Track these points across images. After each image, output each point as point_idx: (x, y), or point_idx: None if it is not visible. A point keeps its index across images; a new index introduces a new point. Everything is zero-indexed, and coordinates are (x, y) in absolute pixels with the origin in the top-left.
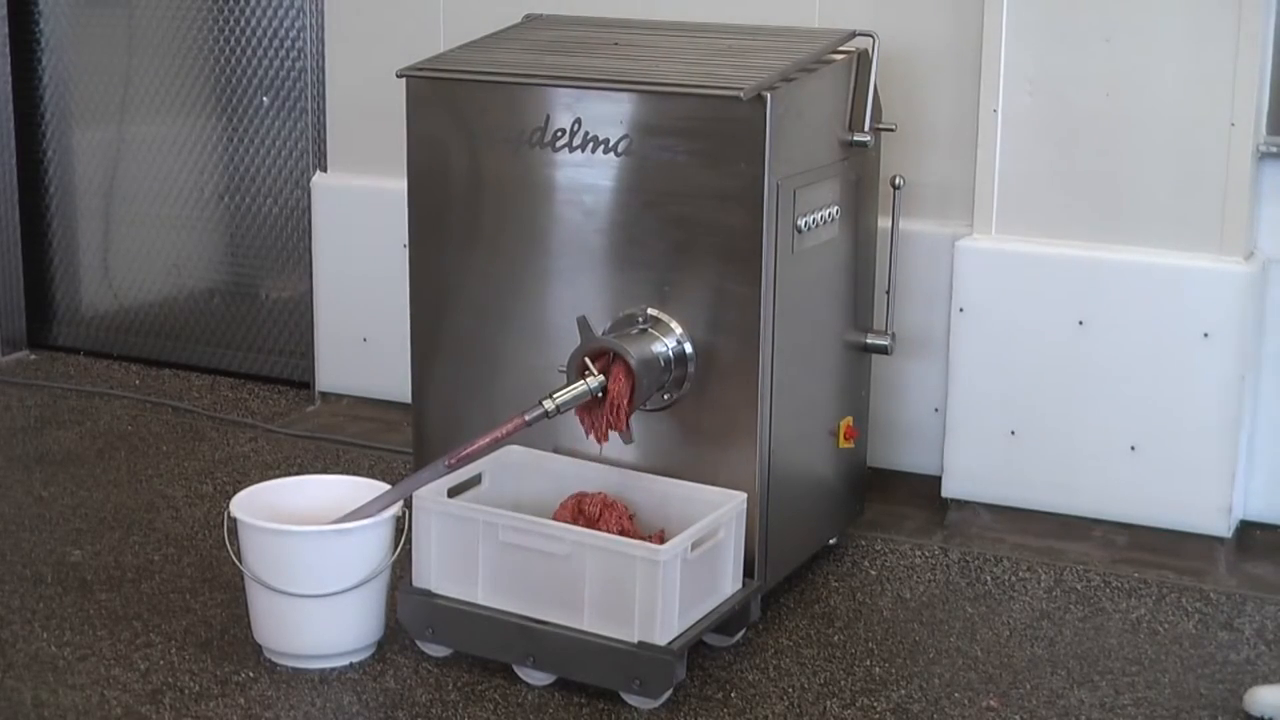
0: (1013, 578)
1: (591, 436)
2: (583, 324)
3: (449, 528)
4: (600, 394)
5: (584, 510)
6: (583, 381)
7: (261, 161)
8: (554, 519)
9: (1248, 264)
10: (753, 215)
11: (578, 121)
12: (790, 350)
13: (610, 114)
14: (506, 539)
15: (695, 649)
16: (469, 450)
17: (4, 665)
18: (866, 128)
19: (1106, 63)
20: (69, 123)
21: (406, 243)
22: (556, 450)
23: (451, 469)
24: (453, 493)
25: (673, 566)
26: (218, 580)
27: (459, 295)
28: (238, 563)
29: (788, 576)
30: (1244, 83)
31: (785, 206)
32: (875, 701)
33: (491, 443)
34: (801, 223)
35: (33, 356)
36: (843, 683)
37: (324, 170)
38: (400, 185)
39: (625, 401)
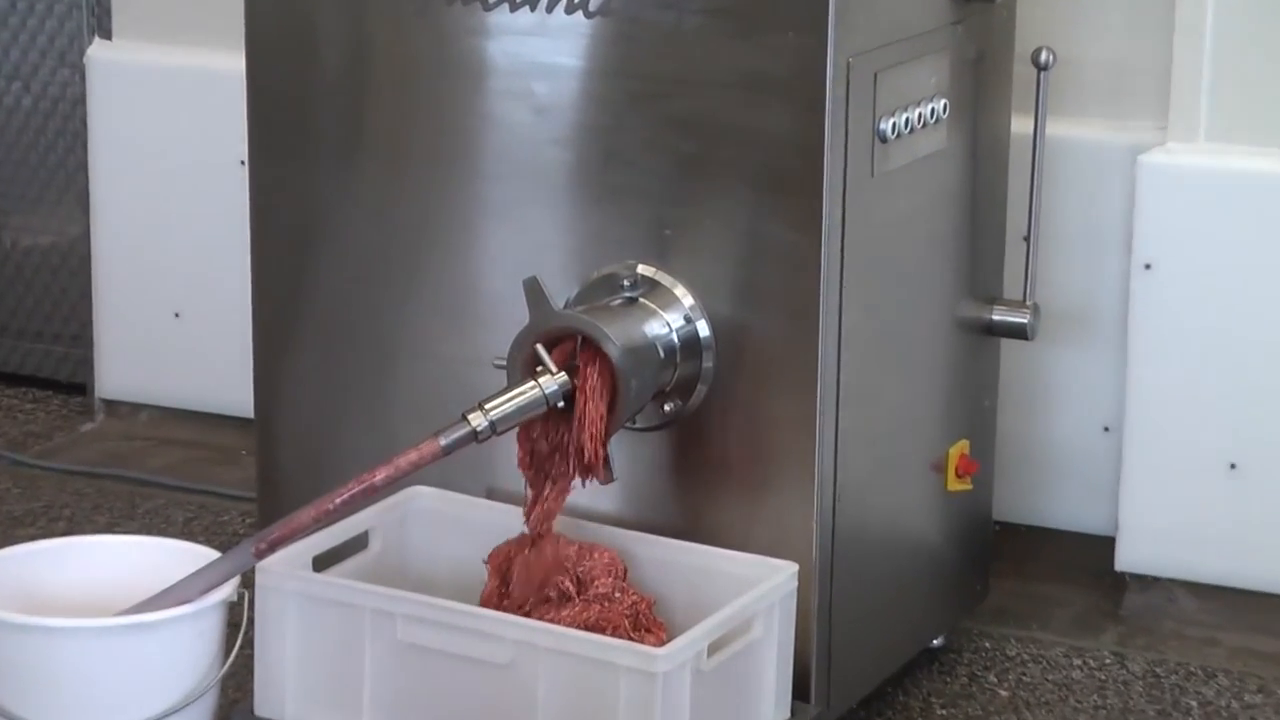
0: (1234, 704)
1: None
2: (534, 290)
3: (316, 619)
4: (561, 403)
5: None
6: (533, 383)
7: (3, 23)
8: (511, 596)
9: None
10: (808, 115)
11: None
12: (869, 333)
13: None
14: (409, 637)
15: None
16: (305, 516)
17: None
18: None
19: None
20: None
21: (244, 159)
22: (490, 494)
23: (264, 554)
24: (321, 562)
25: (678, 681)
26: None
27: (332, 245)
28: None
29: (866, 698)
30: None
31: (861, 101)
32: None
33: (368, 490)
34: (888, 126)
35: None
36: None
37: (106, 37)
38: (234, 64)
39: (601, 416)
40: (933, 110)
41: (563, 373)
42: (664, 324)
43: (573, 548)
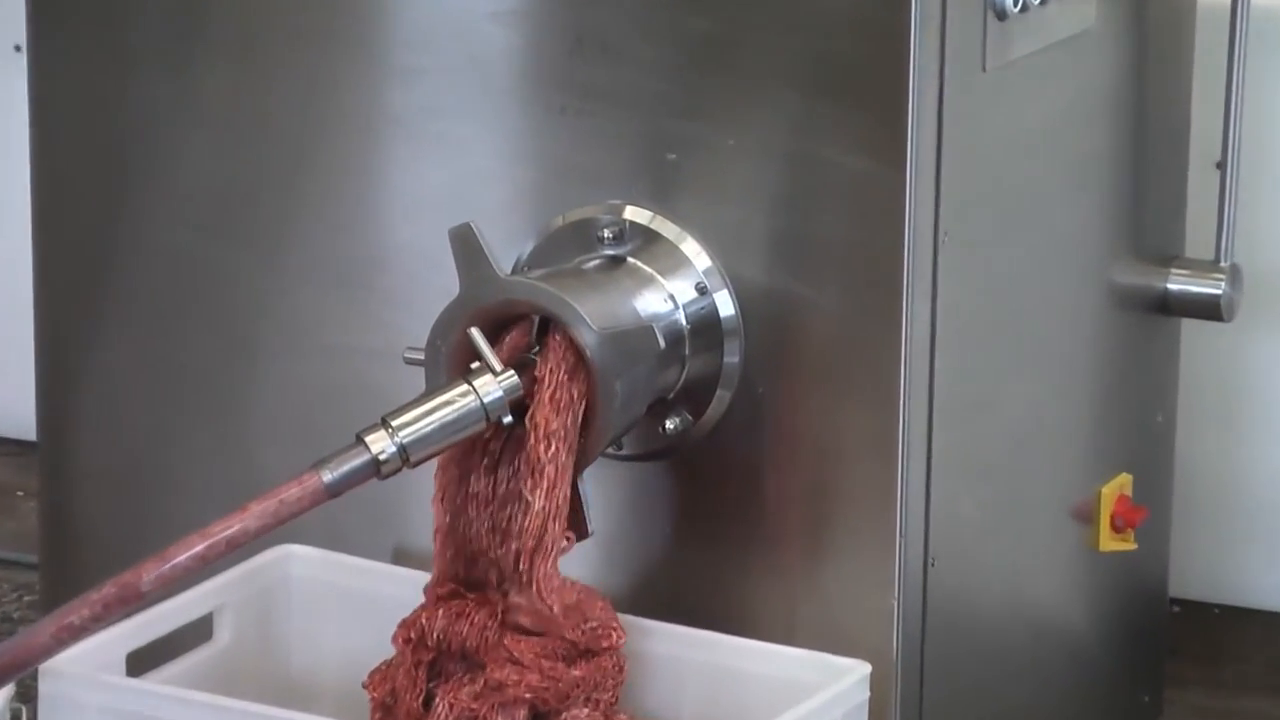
0: None
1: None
2: (467, 245)
3: None
4: (508, 417)
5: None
6: (465, 386)
7: None
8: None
9: None
10: None
11: None
12: (979, 312)
13: None
14: None
15: None
16: (42, 634)
17: None
18: None
19: None
20: None
21: (19, 44)
22: (399, 557)
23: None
24: (140, 661)
25: None
26: None
27: (160, 179)
28: None
29: None
30: None
31: None
32: None
33: (127, 597)
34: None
35: None
36: None
37: None
38: None
39: (561, 435)
40: None
41: (510, 371)
42: (665, 298)
43: (533, 675)
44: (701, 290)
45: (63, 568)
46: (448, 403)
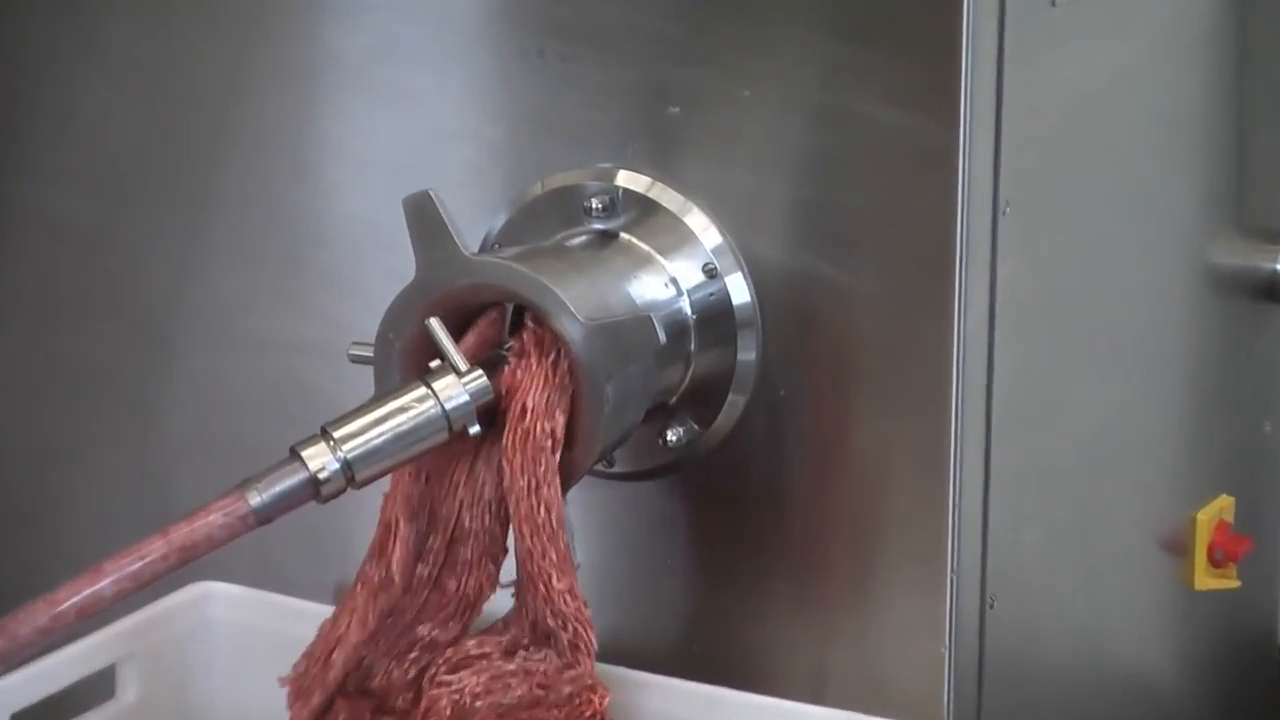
0: None
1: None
2: (426, 217)
3: None
4: (472, 428)
5: None
6: (423, 389)
7: None
8: None
9: None
10: None
11: None
12: (1046, 300)
13: None
14: None
15: None
16: None
17: None
18: None
19: None
20: None
21: None
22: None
23: None
24: None
25: None
26: None
27: (56, 139)
28: None
29: None
30: None
31: None
32: None
33: (52, 624)
34: None
35: None
36: None
37: None
38: None
39: (544, 452)
40: None
41: (478, 371)
42: (666, 282)
43: None
44: (710, 273)
45: None
46: (402, 409)
